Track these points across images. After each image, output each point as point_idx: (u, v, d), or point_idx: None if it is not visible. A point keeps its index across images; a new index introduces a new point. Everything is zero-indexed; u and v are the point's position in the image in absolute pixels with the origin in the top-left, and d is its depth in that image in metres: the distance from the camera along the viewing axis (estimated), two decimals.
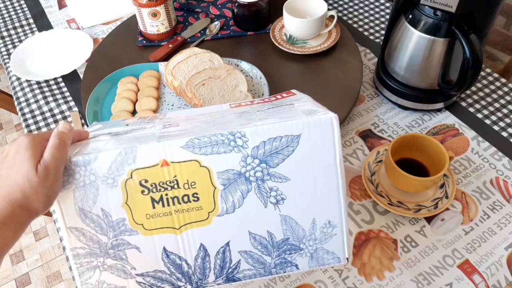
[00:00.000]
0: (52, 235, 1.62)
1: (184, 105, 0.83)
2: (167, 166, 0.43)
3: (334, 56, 0.90)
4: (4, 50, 1.04)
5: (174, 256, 0.46)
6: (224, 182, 0.44)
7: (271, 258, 0.47)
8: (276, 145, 0.44)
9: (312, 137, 0.44)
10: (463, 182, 0.72)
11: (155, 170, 0.43)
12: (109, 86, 0.86)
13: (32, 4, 1.15)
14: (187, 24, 1.01)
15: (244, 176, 0.44)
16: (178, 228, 0.45)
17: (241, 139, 0.43)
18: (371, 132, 0.80)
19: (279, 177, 0.45)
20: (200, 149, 0.43)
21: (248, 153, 0.44)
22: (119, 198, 0.44)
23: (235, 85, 0.80)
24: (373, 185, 0.71)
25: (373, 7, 1.07)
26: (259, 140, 0.44)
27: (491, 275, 0.62)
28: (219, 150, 0.43)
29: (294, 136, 0.44)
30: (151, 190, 0.44)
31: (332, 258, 0.48)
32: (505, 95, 0.85)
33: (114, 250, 0.46)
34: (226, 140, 0.43)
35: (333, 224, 0.47)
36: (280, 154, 0.44)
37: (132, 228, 0.45)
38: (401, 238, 0.66)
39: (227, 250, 0.47)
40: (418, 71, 0.77)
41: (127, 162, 0.43)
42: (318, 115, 0.44)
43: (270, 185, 0.45)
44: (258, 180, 0.45)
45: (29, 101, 0.91)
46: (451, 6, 0.66)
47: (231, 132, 0.43)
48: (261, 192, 0.45)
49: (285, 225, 0.46)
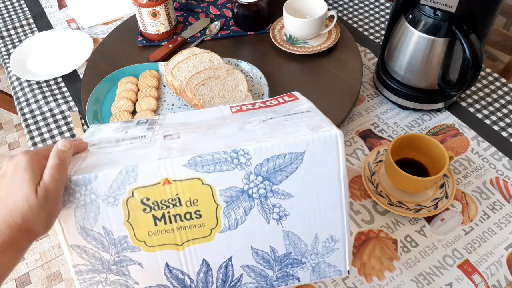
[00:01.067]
0: (52, 235, 1.62)
1: (184, 105, 0.83)
2: (169, 185, 0.43)
3: (334, 56, 0.90)
4: (4, 50, 1.04)
5: (176, 271, 0.46)
6: (226, 199, 0.44)
7: (273, 272, 0.47)
8: (280, 162, 0.43)
9: (316, 154, 0.43)
10: (463, 182, 0.72)
11: (157, 189, 0.43)
12: (109, 86, 0.86)
13: (32, 4, 1.15)
14: (187, 24, 1.01)
15: (247, 193, 0.44)
16: (180, 245, 0.45)
17: (244, 156, 0.43)
18: (371, 132, 0.80)
19: (282, 194, 0.44)
20: (203, 167, 0.43)
21: (251, 171, 0.43)
22: (121, 216, 0.44)
23: (235, 85, 0.80)
24: (373, 185, 0.71)
25: (373, 7, 1.07)
26: (262, 157, 0.43)
27: (491, 275, 0.62)
28: (222, 168, 0.43)
29: (298, 153, 0.43)
30: (153, 208, 0.44)
31: (334, 271, 0.48)
32: (505, 95, 0.85)
33: (117, 266, 0.46)
34: (229, 158, 0.43)
35: (335, 239, 0.47)
36: (283, 171, 0.44)
37: (134, 245, 0.45)
38: (401, 238, 0.66)
39: (229, 264, 0.47)
40: (418, 71, 0.77)
41: (128, 181, 0.43)
42: (323, 131, 0.44)
43: (273, 201, 0.45)
44: (261, 197, 0.44)
45: (29, 101, 0.91)
46: (451, 6, 0.66)
47: (234, 149, 0.43)
48: (264, 208, 0.45)
49: (287, 240, 0.46)
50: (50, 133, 0.85)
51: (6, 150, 1.92)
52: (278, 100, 0.57)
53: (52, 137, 0.84)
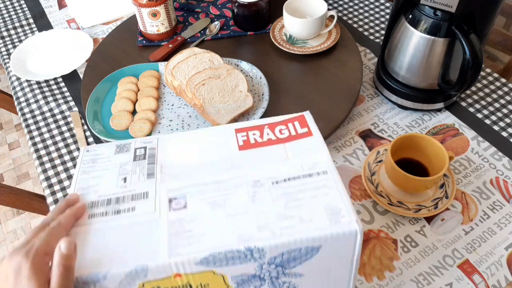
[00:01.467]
0: None
1: (184, 105, 0.83)
2: (180, 277, 0.42)
3: (334, 56, 0.90)
4: (4, 50, 1.04)
5: None
6: (237, 281, 0.44)
7: None
8: (295, 255, 0.43)
9: (333, 247, 0.43)
10: (463, 182, 0.72)
11: (168, 280, 0.42)
12: (109, 86, 0.86)
13: (32, 4, 1.15)
14: (187, 24, 1.01)
15: (258, 277, 0.44)
16: None
17: (258, 253, 0.42)
18: (371, 132, 0.80)
19: (293, 274, 0.44)
20: (215, 263, 0.42)
21: (265, 262, 0.43)
22: None
23: (235, 85, 0.80)
24: (373, 185, 0.71)
25: (373, 7, 1.07)
26: (277, 252, 0.42)
27: (491, 275, 0.62)
28: (235, 262, 0.42)
29: (314, 247, 0.42)
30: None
31: None
32: (505, 95, 0.85)
33: None
34: (242, 255, 0.42)
35: None
36: (297, 260, 0.43)
37: None
38: (401, 238, 0.66)
39: None
40: (418, 71, 0.77)
41: (138, 277, 0.42)
42: (342, 223, 0.42)
43: (283, 280, 0.45)
44: (273, 278, 0.44)
45: (29, 101, 0.91)
46: (451, 6, 0.66)
47: (248, 247, 0.41)
48: (274, 285, 0.45)
49: None
50: (50, 133, 0.85)
51: (6, 150, 1.92)
52: (289, 127, 0.53)
53: (52, 137, 0.84)
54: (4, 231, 1.64)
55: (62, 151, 0.82)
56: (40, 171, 0.80)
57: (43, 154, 0.82)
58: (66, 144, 0.83)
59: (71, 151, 0.82)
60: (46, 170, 0.79)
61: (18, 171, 1.84)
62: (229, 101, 0.78)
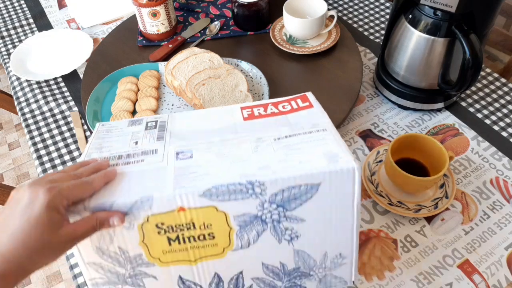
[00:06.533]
0: None
1: (184, 105, 0.83)
2: (184, 212, 0.44)
3: (334, 56, 0.90)
4: (4, 50, 1.04)
5: (189, 282, 0.47)
6: (240, 223, 0.45)
7: (282, 283, 0.49)
8: (295, 192, 0.44)
9: (332, 186, 0.44)
10: (463, 182, 0.72)
11: (172, 215, 0.44)
12: (109, 86, 0.86)
13: (32, 4, 1.15)
14: (187, 24, 1.01)
15: (260, 218, 0.45)
16: (193, 261, 0.46)
17: (260, 187, 0.43)
18: (371, 132, 0.80)
19: (295, 219, 0.45)
20: (218, 196, 0.43)
21: (266, 199, 0.44)
22: (136, 238, 0.44)
23: (235, 85, 0.80)
24: (373, 185, 0.71)
25: (373, 7, 1.07)
26: (278, 188, 0.43)
27: (491, 275, 0.62)
28: (236, 197, 0.43)
29: (314, 184, 0.43)
30: (167, 231, 0.44)
31: (339, 282, 0.50)
32: (505, 95, 0.85)
33: (132, 279, 0.47)
34: (244, 188, 0.43)
35: (344, 255, 0.48)
36: (298, 199, 0.44)
37: (149, 261, 0.46)
38: (401, 238, 0.66)
39: (240, 277, 0.48)
40: (418, 71, 0.77)
41: (143, 208, 0.43)
42: (340, 163, 0.43)
43: (285, 225, 0.45)
44: (274, 221, 0.45)
45: (29, 101, 0.91)
46: (451, 6, 0.66)
47: (250, 181, 0.43)
48: (276, 231, 0.46)
49: (297, 257, 0.47)
50: (50, 133, 0.85)
51: (6, 150, 1.92)
52: (291, 103, 0.55)
53: (52, 137, 0.84)
54: None
55: (62, 151, 0.82)
56: (40, 171, 0.80)
57: (43, 154, 0.82)
58: (66, 144, 0.83)
59: (71, 151, 0.82)
60: (46, 170, 0.79)
61: (18, 171, 1.84)
62: (229, 101, 0.78)
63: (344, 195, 0.44)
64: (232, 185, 0.43)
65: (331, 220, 0.46)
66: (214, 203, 0.43)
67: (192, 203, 0.43)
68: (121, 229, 0.44)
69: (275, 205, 0.44)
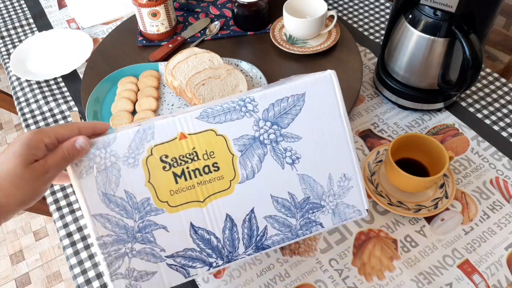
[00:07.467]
0: (52, 235, 1.62)
1: (184, 105, 0.83)
2: (185, 139, 0.45)
3: (334, 56, 0.90)
4: (4, 50, 1.04)
5: (202, 231, 0.47)
6: (240, 148, 0.47)
7: (296, 220, 0.49)
8: (284, 105, 0.47)
9: (315, 93, 0.47)
10: (463, 182, 0.72)
11: (174, 144, 0.45)
12: (109, 86, 0.86)
13: (32, 4, 1.15)
14: (187, 24, 1.01)
15: (258, 140, 0.47)
16: (202, 201, 0.47)
17: (251, 103, 0.46)
18: (371, 132, 0.80)
19: (291, 136, 0.47)
20: (214, 117, 0.46)
21: (260, 117, 0.47)
22: (142, 177, 0.45)
23: (235, 85, 0.80)
24: (373, 185, 0.71)
25: (373, 7, 1.07)
26: (267, 102, 0.47)
27: (491, 275, 0.62)
28: (232, 117, 0.46)
29: (299, 95, 0.47)
30: (172, 165, 0.45)
31: (353, 212, 0.50)
32: (505, 95, 0.85)
33: (142, 233, 0.46)
34: (237, 106, 0.46)
35: (348, 176, 0.49)
36: (289, 114, 0.47)
37: (157, 207, 0.46)
38: (401, 238, 0.66)
39: (252, 217, 0.48)
40: (418, 71, 0.77)
41: (146, 139, 0.45)
42: (317, 74, 0.48)
43: (284, 146, 0.47)
44: (272, 142, 0.47)
45: (29, 101, 0.91)
46: (451, 6, 0.66)
47: (241, 98, 0.46)
48: (277, 153, 0.47)
49: (303, 184, 0.48)
50: None
51: None
52: None
53: None
54: (4, 231, 1.64)
55: None
56: None
57: None
58: None
59: None
60: None
61: None
62: None
63: (330, 106, 0.48)
64: (226, 103, 0.46)
65: (324, 134, 0.48)
66: (212, 126, 0.46)
67: (192, 128, 0.45)
68: (127, 168, 0.45)
69: (270, 123, 0.47)
